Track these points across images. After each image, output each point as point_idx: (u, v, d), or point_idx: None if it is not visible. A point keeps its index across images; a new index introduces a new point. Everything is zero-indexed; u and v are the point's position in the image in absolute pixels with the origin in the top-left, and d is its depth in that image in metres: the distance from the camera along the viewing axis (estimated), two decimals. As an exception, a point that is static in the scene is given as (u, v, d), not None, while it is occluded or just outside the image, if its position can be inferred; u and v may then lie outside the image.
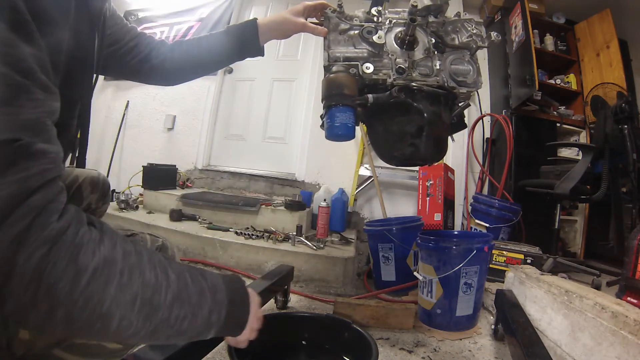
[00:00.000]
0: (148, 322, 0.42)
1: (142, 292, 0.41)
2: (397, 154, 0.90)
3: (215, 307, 0.50)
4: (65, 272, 0.34)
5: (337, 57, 0.86)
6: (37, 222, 0.32)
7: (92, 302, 0.36)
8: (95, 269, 0.36)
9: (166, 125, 3.21)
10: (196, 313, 0.48)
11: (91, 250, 0.36)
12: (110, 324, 0.38)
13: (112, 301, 0.38)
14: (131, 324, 0.40)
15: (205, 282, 0.51)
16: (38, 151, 0.34)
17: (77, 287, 0.35)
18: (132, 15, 3.49)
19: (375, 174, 2.56)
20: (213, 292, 0.51)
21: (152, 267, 0.44)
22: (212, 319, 0.50)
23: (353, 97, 0.81)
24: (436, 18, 0.91)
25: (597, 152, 1.96)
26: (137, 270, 0.41)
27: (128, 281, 0.39)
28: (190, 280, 0.48)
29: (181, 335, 0.47)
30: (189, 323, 0.47)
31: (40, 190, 0.33)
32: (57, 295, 0.34)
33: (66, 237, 0.35)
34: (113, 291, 0.38)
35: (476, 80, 0.89)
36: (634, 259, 1.29)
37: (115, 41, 0.77)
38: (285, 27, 0.90)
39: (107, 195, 0.92)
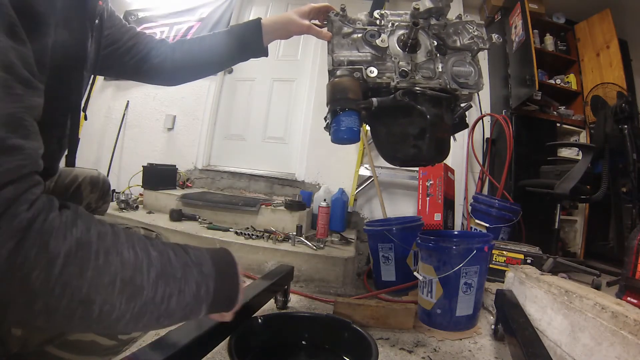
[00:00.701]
0: (132, 303, 0.40)
1: (122, 272, 0.39)
2: (400, 155, 0.90)
3: (202, 280, 0.48)
4: (37, 260, 0.33)
5: (341, 61, 0.87)
6: (7, 215, 0.32)
7: (69, 288, 0.35)
8: (68, 253, 0.35)
9: (166, 125, 3.21)
10: (183, 289, 0.46)
11: (62, 235, 0.35)
12: (91, 310, 0.37)
13: (90, 285, 0.36)
14: (114, 307, 0.38)
15: (189, 257, 0.49)
16: (13, 146, 0.33)
17: (52, 274, 0.33)
18: (132, 15, 3.49)
19: (375, 174, 2.56)
20: (199, 265, 0.49)
21: (131, 245, 0.42)
22: (200, 294, 0.48)
23: (357, 101, 0.82)
24: (438, 20, 0.91)
25: (597, 152, 1.96)
26: (114, 251, 0.39)
27: (105, 262, 0.38)
28: (173, 256, 0.47)
29: (171, 316, 0.45)
30: (176, 300, 0.45)
31: (12, 184, 0.33)
32: (32, 287, 0.33)
33: (35, 225, 0.34)
34: (90, 275, 0.36)
35: (477, 82, 0.89)
36: (634, 259, 1.29)
37: (114, 41, 0.77)
38: (290, 28, 0.89)
39: (107, 195, 0.92)
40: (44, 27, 0.39)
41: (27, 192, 0.34)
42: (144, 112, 3.29)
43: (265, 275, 1.24)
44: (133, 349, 0.68)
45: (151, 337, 0.74)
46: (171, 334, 0.70)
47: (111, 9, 0.76)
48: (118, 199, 2.41)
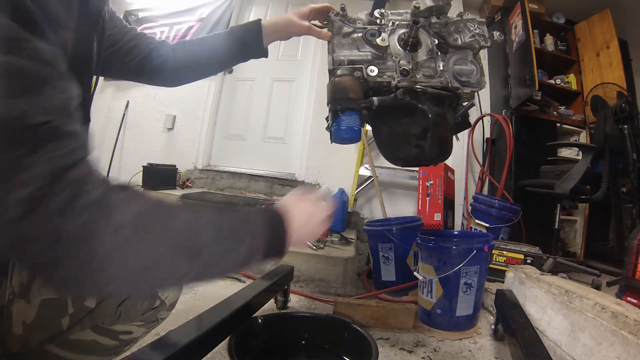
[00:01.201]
0: (195, 262, 0.43)
1: (182, 236, 0.42)
2: (402, 155, 0.90)
3: (255, 234, 0.51)
4: (106, 232, 0.35)
5: (341, 61, 0.86)
6: (78, 193, 0.34)
7: (135, 255, 0.37)
8: (130, 223, 0.37)
9: (166, 125, 3.21)
10: (238, 245, 0.48)
11: (125, 207, 0.38)
12: (155, 273, 0.40)
13: (153, 251, 0.39)
14: (177, 270, 0.41)
15: (240, 213, 0.52)
16: (69, 132, 0.36)
17: (119, 243, 0.36)
18: (132, 16, 3.49)
19: (375, 174, 2.56)
20: (249, 220, 0.52)
21: (186, 211, 0.45)
22: (254, 247, 0.51)
23: (358, 101, 0.81)
24: (438, 19, 0.91)
25: (597, 152, 1.96)
26: (170, 218, 0.42)
27: (163, 229, 0.40)
28: (226, 215, 0.49)
29: (229, 270, 0.49)
30: (233, 255, 0.48)
31: (77, 165, 0.36)
32: (102, 255, 0.35)
33: (104, 202, 0.36)
34: (152, 241, 0.39)
35: (479, 80, 0.89)
36: (634, 259, 1.29)
37: (115, 42, 0.77)
38: (290, 29, 0.90)
39: None
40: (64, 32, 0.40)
41: (90, 173, 0.37)
42: (144, 112, 3.29)
43: (265, 275, 1.24)
44: (133, 349, 0.68)
45: (151, 337, 0.74)
46: (171, 334, 0.70)
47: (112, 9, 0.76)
48: (118, 199, 2.41)
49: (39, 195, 0.32)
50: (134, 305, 0.63)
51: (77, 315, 0.56)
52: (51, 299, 0.54)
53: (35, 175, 0.32)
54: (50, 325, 0.55)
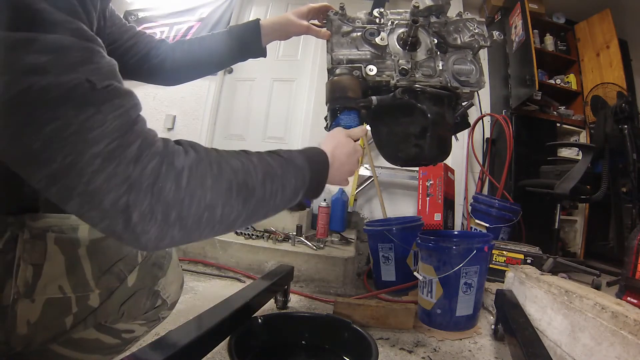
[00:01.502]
0: (248, 204, 0.46)
1: (235, 177, 0.45)
2: (402, 154, 0.90)
3: (298, 174, 0.55)
4: (168, 176, 0.38)
5: (340, 60, 0.86)
6: (145, 143, 0.38)
7: (196, 196, 0.40)
8: (190, 167, 0.41)
9: (166, 125, 3.20)
10: (285, 184, 0.52)
11: (182, 155, 0.41)
12: (215, 213, 0.42)
13: (211, 191, 0.42)
14: (233, 209, 0.44)
15: (283, 156, 0.55)
16: (126, 91, 0.40)
17: (181, 186, 0.39)
18: (132, 15, 3.49)
19: (375, 174, 2.56)
20: (292, 161, 0.55)
21: (235, 155, 0.48)
22: (297, 186, 0.55)
23: (357, 100, 0.81)
24: (438, 18, 0.91)
25: (597, 152, 1.96)
26: (224, 160, 0.45)
27: (219, 171, 0.44)
28: (270, 158, 0.52)
29: (276, 209, 0.52)
30: (281, 196, 0.51)
31: (139, 120, 0.40)
32: (166, 198, 0.38)
33: (166, 149, 0.40)
34: (210, 183, 0.42)
35: (479, 80, 0.89)
36: (634, 259, 1.29)
37: (114, 40, 0.77)
38: (289, 29, 0.90)
39: None
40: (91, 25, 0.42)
41: (150, 128, 0.41)
42: (144, 112, 3.18)
43: (265, 275, 1.24)
44: (133, 349, 0.68)
45: (151, 337, 0.74)
46: (171, 334, 0.70)
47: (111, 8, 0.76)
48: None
49: (114, 147, 0.35)
50: (136, 304, 0.63)
51: (81, 314, 0.56)
52: (55, 298, 0.54)
53: (107, 131, 0.35)
54: (54, 324, 0.55)
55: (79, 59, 0.35)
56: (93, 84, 0.35)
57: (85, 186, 0.34)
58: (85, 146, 0.34)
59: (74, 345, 0.59)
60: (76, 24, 0.36)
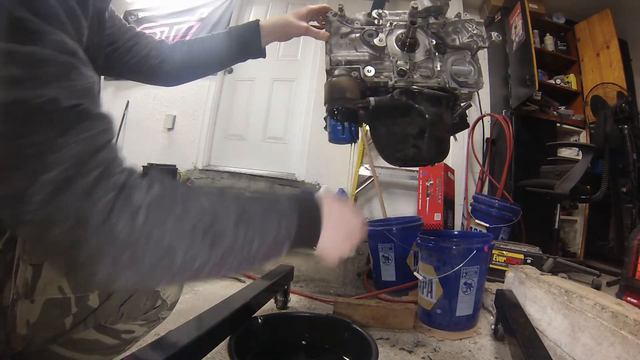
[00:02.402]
0: (215, 250, 0.40)
1: (202, 219, 0.40)
2: (400, 155, 0.89)
3: (282, 222, 0.47)
4: (122, 213, 0.35)
5: (338, 61, 0.86)
6: (105, 174, 0.35)
7: (153, 238, 0.36)
8: (149, 205, 0.37)
9: (166, 125, 3.21)
10: (263, 232, 0.45)
11: (143, 191, 0.37)
12: (175, 259, 0.38)
13: (172, 233, 0.37)
14: (197, 255, 0.39)
15: (266, 200, 0.49)
16: (97, 114, 0.37)
17: (136, 225, 0.35)
18: (132, 15, 3.49)
19: (375, 174, 2.56)
20: (275, 208, 0.48)
21: (206, 193, 0.43)
22: (281, 236, 0.47)
23: (355, 101, 0.81)
24: (436, 19, 0.91)
25: (597, 152, 1.96)
26: (192, 199, 0.41)
27: (184, 211, 0.39)
28: (249, 201, 0.46)
29: (253, 261, 0.45)
30: (258, 245, 0.44)
31: (105, 148, 0.36)
32: (118, 238, 0.34)
33: (127, 184, 0.37)
34: (171, 223, 0.38)
35: (477, 81, 0.89)
36: (634, 259, 1.29)
37: (114, 41, 0.77)
38: (288, 30, 0.90)
39: None
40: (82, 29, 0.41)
41: (117, 157, 0.38)
42: (144, 112, 3.29)
43: (265, 275, 1.24)
44: (133, 349, 0.68)
45: (151, 337, 0.74)
46: (171, 334, 0.70)
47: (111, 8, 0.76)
48: (118, 199, 2.41)
49: (68, 176, 0.32)
50: (136, 305, 0.63)
51: (81, 315, 0.56)
52: (55, 299, 0.54)
53: (65, 157, 0.32)
54: (53, 324, 0.55)
55: (52, 75, 0.33)
56: (59, 102, 0.33)
57: (33, 215, 0.32)
58: (39, 171, 0.31)
59: (74, 345, 0.59)
60: (58, 35, 0.34)
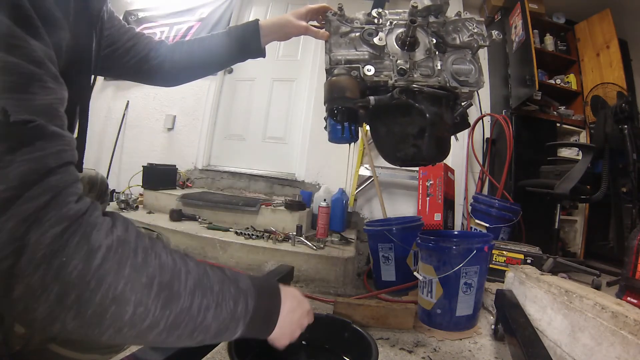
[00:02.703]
0: (167, 311, 0.38)
1: (160, 275, 0.38)
2: (400, 155, 0.89)
3: (240, 297, 0.46)
4: (77, 250, 0.32)
5: (338, 60, 0.86)
6: (55, 202, 0.32)
7: (105, 283, 0.33)
8: (109, 248, 0.34)
9: (166, 125, 3.21)
10: (220, 302, 0.43)
11: (105, 230, 0.35)
12: (124, 310, 0.35)
13: (126, 283, 0.35)
14: (148, 312, 0.36)
15: (225, 273, 0.47)
16: (53, 133, 0.34)
17: (90, 266, 0.33)
18: (132, 16, 3.49)
19: (375, 174, 2.56)
20: (235, 282, 0.47)
21: (169, 252, 0.41)
22: (237, 311, 0.45)
23: (355, 100, 0.81)
24: (437, 18, 0.91)
25: (597, 152, 1.96)
26: (153, 252, 0.38)
27: (143, 262, 0.37)
28: (209, 269, 0.45)
29: (207, 331, 0.43)
30: (213, 314, 0.42)
31: (58, 172, 0.33)
32: (68, 276, 0.31)
33: (84, 217, 0.34)
34: (127, 272, 0.35)
35: (478, 80, 0.89)
36: (634, 259, 1.29)
37: (113, 42, 0.77)
38: (288, 29, 0.90)
39: (105, 195, 0.93)
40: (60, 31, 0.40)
41: (72, 185, 0.35)
42: (144, 112, 3.29)
43: (265, 276, 1.24)
44: (133, 349, 0.68)
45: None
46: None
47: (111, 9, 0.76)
48: (118, 199, 2.41)
49: (9, 197, 0.29)
50: None
51: None
52: None
53: (10, 176, 0.29)
54: None
55: (8, 85, 0.31)
56: (7, 116, 0.30)
57: None
58: None
59: (73, 344, 0.59)
60: (27, 43, 0.32)
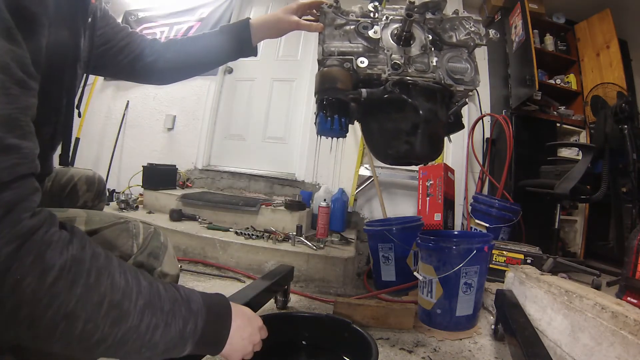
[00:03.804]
0: (116, 328, 0.40)
1: (111, 294, 0.39)
2: (392, 152, 0.87)
3: (190, 317, 0.49)
4: (32, 268, 0.33)
5: (331, 52, 0.85)
6: (8, 219, 0.32)
7: (57, 300, 0.35)
8: (62, 267, 0.36)
9: (166, 125, 3.21)
10: (169, 322, 0.45)
11: (59, 249, 0.36)
12: (74, 326, 0.37)
13: (78, 301, 0.37)
14: (97, 328, 0.38)
15: (179, 293, 0.49)
16: (9, 146, 0.33)
17: (43, 284, 0.34)
18: (132, 15, 3.49)
19: (375, 174, 2.55)
20: (187, 302, 0.49)
21: (122, 271, 0.42)
22: (187, 330, 0.48)
23: (346, 92, 0.79)
24: (434, 15, 0.90)
25: (597, 152, 1.96)
26: (106, 272, 0.40)
27: (95, 282, 0.38)
28: (162, 289, 0.47)
29: (154, 348, 0.45)
30: (161, 332, 0.44)
31: (12, 187, 0.33)
32: (22, 293, 0.33)
33: (37, 235, 0.34)
34: (79, 291, 0.37)
35: (474, 79, 0.88)
36: (634, 259, 1.29)
37: (107, 40, 0.78)
38: (280, 25, 0.91)
39: (103, 194, 0.93)
40: (39, 28, 0.39)
41: (27, 199, 0.35)
42: (144, 112, 3.29)
43: (265, 275, 1.24)
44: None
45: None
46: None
47: (105, 8, 0.76)
48: (118, 199, 2.41)
49: None
50: None
51: None
52: None
53: None
54: None
55: None
56: None
57: None
58: None
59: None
60: None
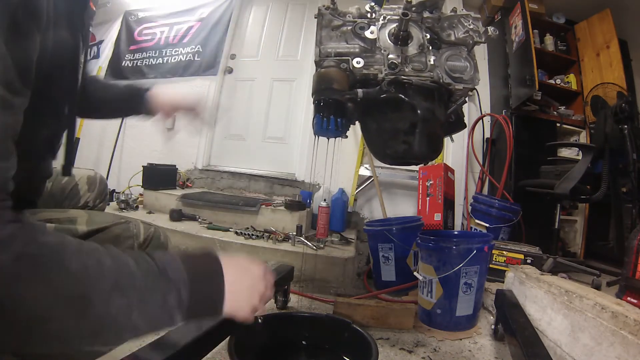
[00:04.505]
0: (86, 320, 0.37)
1: (67, 288, 0.37)
2: (390, 151, 0.87)
3: (169, 287, 0.45)
4: None
5: (328, 53, 0.85)
6: None
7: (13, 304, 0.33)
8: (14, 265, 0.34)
9: (166, 125, 3.20)
10: (146, 299, 0.42)
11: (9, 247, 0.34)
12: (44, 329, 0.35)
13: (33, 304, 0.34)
14: (66, 326, 0.36)
15: (155, 263, 0.45)
16: None
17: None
18: (132, 16, 3.50)
19: (375, 174, 2.55)
20: (164, 272, 0.45)
21: (79, 258, 0.39)
22: (169, 303, 0.44)
23: (342, 92, 0.79)
24: (431, 14, 0.90)
25: (597, 152, 1.96)
26: (57, 264, 0.37)
27: (47, 277, 0.35)
28: (133, 264, 0.43)
29: (136, 330, 0.42)
30: (139, 313, 0.41)
31: None
32: None
33: None
34: (30, 293, 0.34)
35: (473, 77, 0.87)
36: (634, 259, 1.29)
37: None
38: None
39: (105, 194, 0.93)
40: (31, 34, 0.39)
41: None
42: (144, 112, 3.28)
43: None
44: (133, 348, 0.68)
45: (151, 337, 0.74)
46: (171, 334, 0.70)
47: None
48: (118, 199, 2.41)
49: None
50: None
51: None
52: None
53: None
54: None
55: None
56: None
57: None
58: None
59: None
60: None
